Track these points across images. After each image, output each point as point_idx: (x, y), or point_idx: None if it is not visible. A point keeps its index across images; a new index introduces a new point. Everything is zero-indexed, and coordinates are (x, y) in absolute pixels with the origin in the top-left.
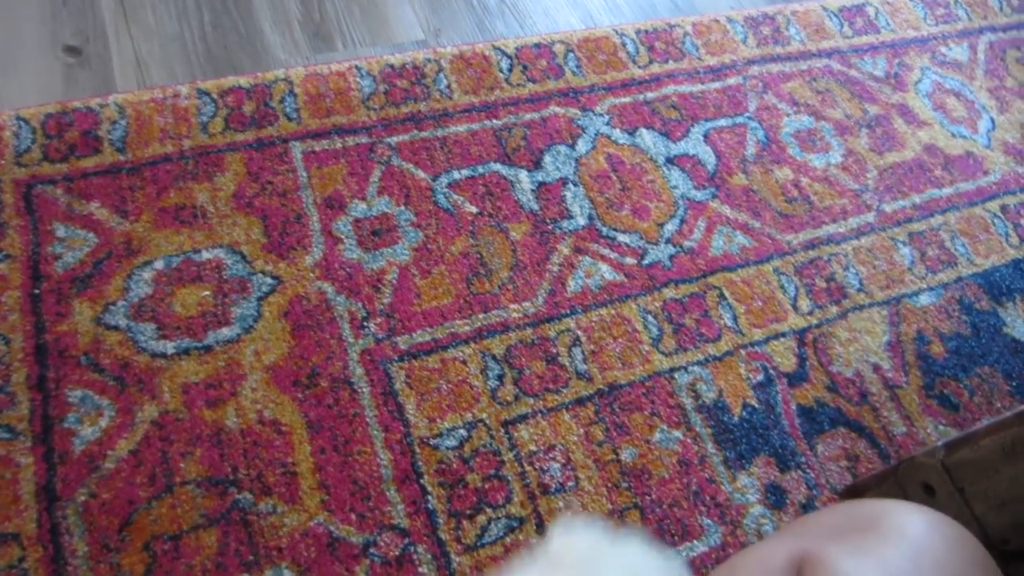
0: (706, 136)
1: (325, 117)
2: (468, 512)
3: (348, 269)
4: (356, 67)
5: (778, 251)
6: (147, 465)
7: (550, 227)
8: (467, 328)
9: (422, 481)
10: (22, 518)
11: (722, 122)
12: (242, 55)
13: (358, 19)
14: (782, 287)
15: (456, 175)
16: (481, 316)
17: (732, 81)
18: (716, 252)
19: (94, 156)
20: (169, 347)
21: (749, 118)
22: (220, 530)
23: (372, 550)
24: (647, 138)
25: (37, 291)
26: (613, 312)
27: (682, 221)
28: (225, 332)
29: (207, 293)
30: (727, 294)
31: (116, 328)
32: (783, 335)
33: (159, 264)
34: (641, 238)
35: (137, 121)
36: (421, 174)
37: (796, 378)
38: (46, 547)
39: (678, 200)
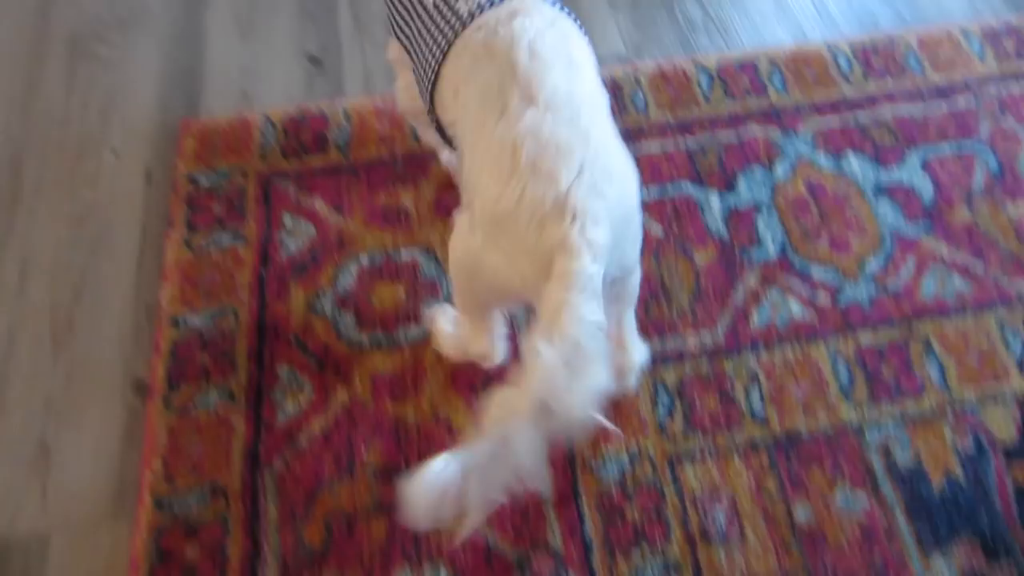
0: (925, 164)
1: None
2: (624, 546)
3: None
4: None
5: (1004, 300)
6: (334, 446)
7: (738, 255)
8: None
9: (580, 506)
10: (231, 474)
11: (946, 148)
12: None
13: None
14: (1006, 343)
15: (645, 194)
16: (656, 342)
17: (962, 102)
18: (926, 296)
19: (321, 155)
20: (364, 338)
21: (980, 145)
22: (389, 520)
23: (525, 567)
24: (855, 164)
25: (264, 273)
26: (799, 352)
27: (888, 258)
28: (414, 330)
29: (402, 291)
30: (935, 345)
31: (322, 314)
32: (1003, 399)
33: (364, 259)
34: (838, 274)
35: (360, 125)
36: None
37: (1017, 453)
38: (246, 505)
39: (885, 234)
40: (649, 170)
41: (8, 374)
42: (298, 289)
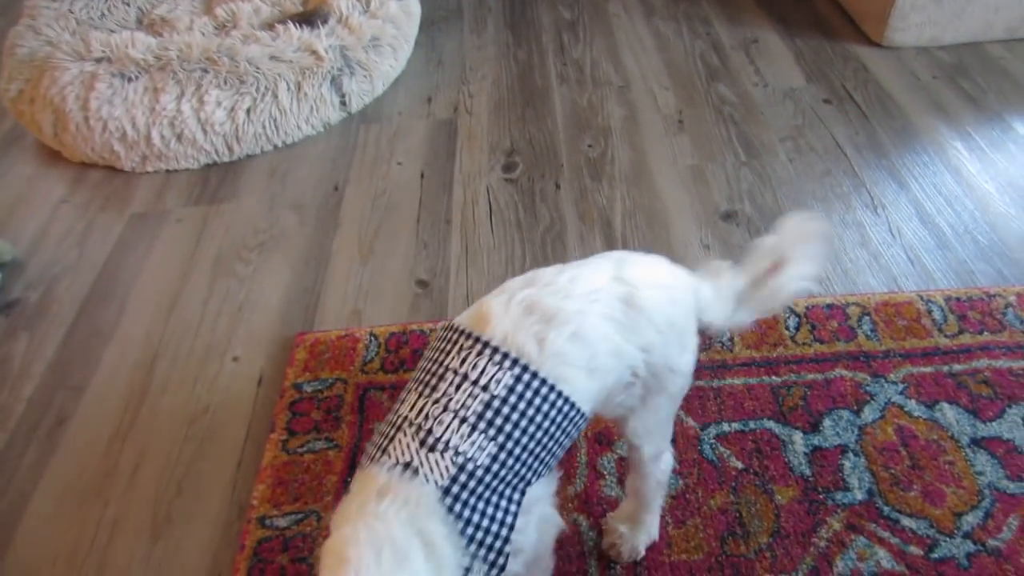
0: None
1: None
2: None
3: (605, 506)
4: None
5: None
6: None
7: (821, 496)
8: None
9: None
10: None
11: None
12: None
13: None
14: None
15: (726, 427)
16: None
17: None
18: None
19: None
20: None
21: None
22: None
23: None
24: (949, 414)
25: (350, 479)
26: None
27: (987, 515)
28: None
29: None
30: None
31: None
32: None
33: None
34: (932, 526)
35: None
36: (691, 422)
37: None
38: None
39: (983, 489)
40: (731, 404)
41: (107, 560)
42: None
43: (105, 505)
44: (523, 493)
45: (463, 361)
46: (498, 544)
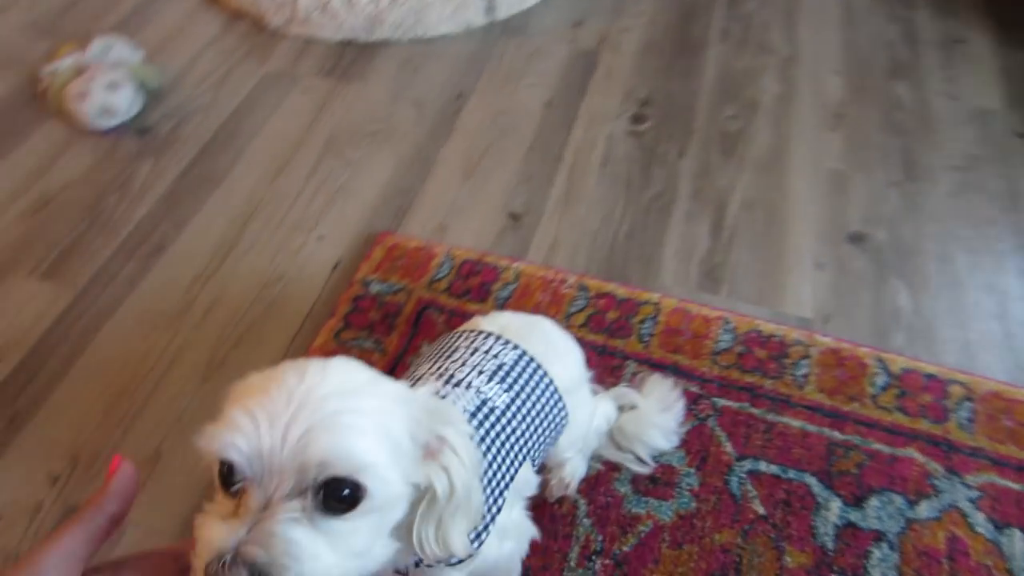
0: None
1: (671, 352)
2: None
3: (609, 498)
4: (724, 319)
5: None
6: None
7: None
8: None
9: None
10: None
11: None
12: (635, 268)
13: (753, 276)
14: None
15: (763, 467)
16: None
17: None
18: None
19: (479, 303)
20: None
21: None
22: None
23: None
24: (1018, 544)
25: None
26: None
27: None
28: None
29: None
30: None
31: None
32: None
33: None
34: None
35: (523, 289)
36: (728, 448)
37: None
38: None
39: None
40: (779, 444)
41: (160, 385)
42: None
43: (174, 335)
44: (525, 461)
45: (472, 342)
46: (498, 490)
